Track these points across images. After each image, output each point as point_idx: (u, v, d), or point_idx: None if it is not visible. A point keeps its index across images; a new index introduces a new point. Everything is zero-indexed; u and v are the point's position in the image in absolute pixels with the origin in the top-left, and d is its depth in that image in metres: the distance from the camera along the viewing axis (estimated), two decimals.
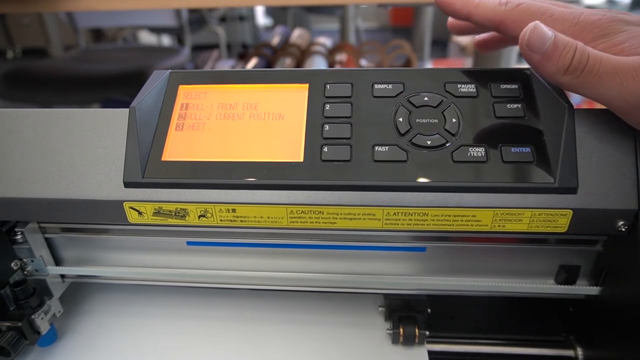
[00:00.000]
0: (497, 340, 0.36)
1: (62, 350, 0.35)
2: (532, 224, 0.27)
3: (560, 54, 0.23)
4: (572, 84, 0.24)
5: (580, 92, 0.24)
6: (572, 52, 0.23)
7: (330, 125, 0.28)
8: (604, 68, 0.23)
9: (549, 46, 0.23)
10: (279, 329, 0.36)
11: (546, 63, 0.24)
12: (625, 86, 0.22)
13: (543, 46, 0.23)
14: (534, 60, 0.24)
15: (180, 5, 1.42)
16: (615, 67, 0.22)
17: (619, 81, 0.22)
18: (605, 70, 0.22)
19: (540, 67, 0.24)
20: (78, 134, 0.30)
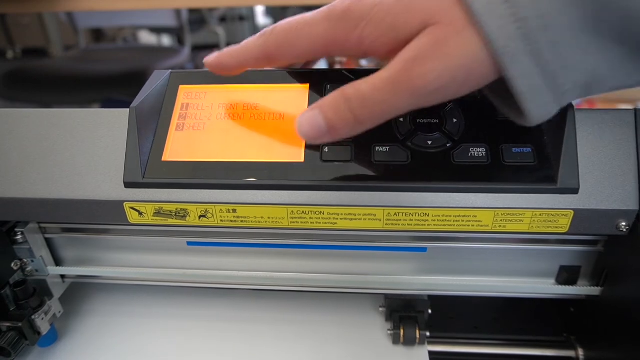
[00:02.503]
0: (498, 340, 0.36)
1: (62, 350, 0.35)
2: (533, 224, 0.27)
3: (340, 122, 0.22)
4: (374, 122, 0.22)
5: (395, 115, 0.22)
6: (347, 110, 0.22)
7: None
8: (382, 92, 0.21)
9: (325, 125, 0.22)
10: (280, 329, 0.36)
11: (338, 134, 0.22)
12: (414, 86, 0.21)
13: (322, 129, 0.22)
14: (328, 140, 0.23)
15: (180, 5, 1.42)
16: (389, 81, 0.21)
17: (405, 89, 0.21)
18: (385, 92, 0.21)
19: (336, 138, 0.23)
20: (78, 134, 0.30)
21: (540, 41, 0.19)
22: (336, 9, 0.22)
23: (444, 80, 0.20)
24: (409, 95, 0.21)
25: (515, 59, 0.19)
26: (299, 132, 0.23)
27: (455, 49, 0.20)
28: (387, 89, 0.21)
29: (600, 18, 0.19)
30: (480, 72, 0.20)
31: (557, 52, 0.19)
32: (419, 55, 0.20)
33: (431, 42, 0.20)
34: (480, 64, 0.20)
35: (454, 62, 0.20)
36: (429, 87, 0.20)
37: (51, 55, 1.87)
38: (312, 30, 0.22)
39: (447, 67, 0.20)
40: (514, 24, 0.19)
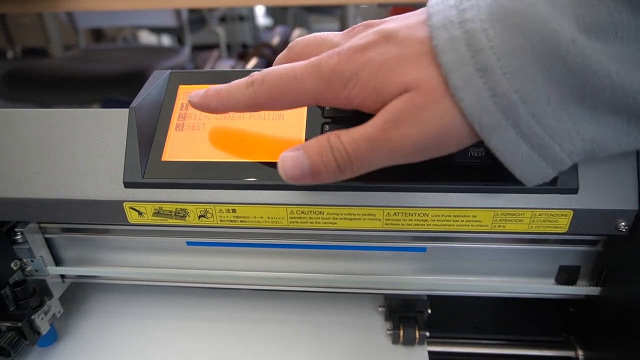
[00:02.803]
0: (497, 340, 0.36)
1: (62, 350, 0.35)
2: (532, 224, 0.27)
3: (323, 168, 0.22)
4: (355, 173, 0.22)
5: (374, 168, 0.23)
6: (331, 157, 0.22)
7: (330, 125, 0.28)
8: (362, 148, 0.21)
9: (308, 169, 0.22)
10: (279, 329, 0.36)
11: (320, 179, 0.23)
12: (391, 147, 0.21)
13: (305, 171, 0.22)
14: (309, 183, 0.23)
15: (180, 5, 1.42)
16: (368, 139, 0.21)
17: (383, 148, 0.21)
18: (364, 148, 0.21)
19: (317, 182, 0.23)
20: (78, 134, 0.30)
21: (521, 114, 0.19)
22: (325, 67, 0.22)
23: (420, 145, 0.21)
24: (387, 154, 0.22)
25: (495, 131, 0.20)
26: (280, 170, 0.23)
27: (431, 117, 0.20)
28: (367, 146, 0.21)
29: (586, 92, 0.19)
30: (458, 139, 0.21)
31: (542, 125, 0.20)
32: (396, 119, 0.21)
33: (409, 107, 0.20)
34: (457, 132, 0.21)
35: (429, 129, 0.20)
36: (406, 149, 0.21)
37: (51, 55, 1.87)
38: (301, 86, 0.23)
39: (422, 133, 0.21)
40: (491, 98, 0.19)
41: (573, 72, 0.19)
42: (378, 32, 0.22)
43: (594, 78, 0.19)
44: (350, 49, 0.22)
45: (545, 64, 0.19)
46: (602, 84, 0.19)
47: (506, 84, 0.19)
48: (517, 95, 0.19)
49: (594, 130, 0.20)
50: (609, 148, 0.21)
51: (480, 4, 0.20)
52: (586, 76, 0.19)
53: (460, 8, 0.20)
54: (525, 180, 0.22)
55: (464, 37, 0.19)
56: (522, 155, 0.21)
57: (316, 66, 0.22)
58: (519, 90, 0.19)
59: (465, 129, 0.20)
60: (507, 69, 0.19)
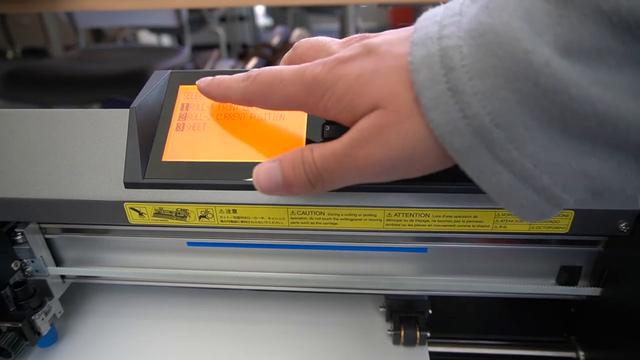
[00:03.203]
0: (498, 341, 0.36)
1: (62, 351, 0.35)
2: (533, 224, 0.27)
3: (295, 181, 0.23)
4: (326, 188, 0.23)
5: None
6: (302, 171, 0.22)
7: (330, 125, 0.28)
8: (331, 164, 0.22)
9: (281, 181, 0.23)
10: (280, 329, 0.36)
11: (293, 192, 0.23)
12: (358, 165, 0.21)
13: (278, 183, 0.23)
14: (283, 194, 0.24)
15: (180, 5, 1.42)
16: (337, 156, 0.21)
17: (350, 166, 0.21)
18: (334, 164, 0.22)
19: (290, 195, 0.24)
20: (78, 135, 0.30)
21: (495, 138, 0.18)
22: (308, 75, 0.22)
23: (384, 166, 0.21)
24: (355, 173, 0.22)
25: (467, 155, 0.19)
26: (254, 182, 0.23)
27: (395, 137, 0.20)
28: (335, 163, 0.22)
29: (567, 119, 0.17)
30: (425, 162, 0.20)
31: (522, 152, 0.18)
32: (362, 138, 0.21)
33: (374, 126, 0.20)
34: (424, 153, 0.20)
35: (393, 150, 0.20)
36: (371, 169, 0.21)
37: (51, 55, 1.87)
38: (285, 90, 0.23)
39: (386, 154, 0.20)
40: (462, 119, 0.18)
41: (547, 95, 0.17)
42: (362, 46, 0.22)
43: (573, 104, 0.17)
44: (334, 60, 0.22)
45: (517, 85, 0.17)
46: (585, 110, 0.17)
47: (477, 105, 0.18)
48: (489, 118, 0.18)
49: (593, 164, 0.19)
50: (618, 186, 0.19)
51: (463, 20, 0.19)
52: (564, 100, 0.17)
53: (442, 24, 0.19)
54: (519, 214, 0.20)
55: (439, 55, 0.19)
56: (506, 185, 0.19)
57: (301, 73, 0.23)
58: (491, 112, 0.18)
59: (434, 151, 0.20)
60: (478, 90, 0.18)
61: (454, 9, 0.20)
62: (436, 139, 0.19)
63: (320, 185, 0.22)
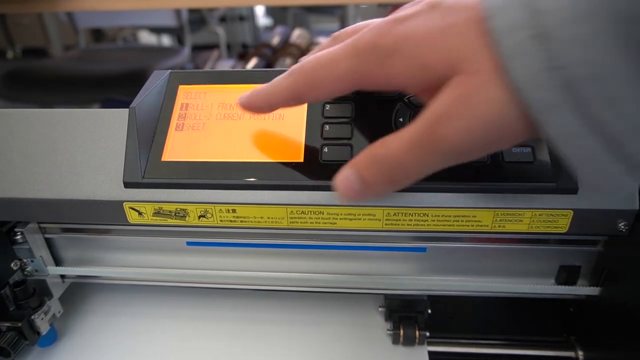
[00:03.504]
0: (497, 341, 0.36)
1: (62, 350, 0.35)
2: (532, 224, 0.27)
3: (374, 183, 0.20)
4: (409, 182, 0.20)
5: None
6: (378, 171, 0.20)
7: (330, 125, 0.28)
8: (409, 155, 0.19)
9: (360, 186, 0.21)
10: (279, 329, 0.36)
11: (376, 193, 0.21)
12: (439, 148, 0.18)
13: (358, 189, 0.21)
14: (370, 198, 0.21)
15: (180, 5, 1.42)
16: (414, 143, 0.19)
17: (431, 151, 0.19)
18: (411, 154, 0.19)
19: (374, 196, 0.21)
20: (78, 134, 0.30)
21: (586, 95, 0.15)
22: (361, 43, 0.20)
23: (471, 142, 0.18)
24: (436, 157, 0.19)
25: (549, 113, 0.16)
26: (336, 192, 0.22)
27: (482, 106, 0.17)
28: (414, 152, 0.19)
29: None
30: (514, 131, 0.17)
31: (617, 111, 0.15)
32: (442, 114, 0.18)
33: (455, 97, 0.18)
34: (514, 119, 0.17)
35: (481, 120, 0.17)
36: (455, 149, 0.18)
37: (51, 55, 1.87)
38: (338, 68, 0.20)
39: (474, 126, 0.17)
40: (548, 71, 0.15)
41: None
42: (424, 3, 0.19)
43: None
44: (389, 21, 0.19)
45: (625, 29, 0.14)
46: None
47: (569, 55, 0.15)
48: (583, 70, 0.15)
49: None
50: None
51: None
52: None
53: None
54: (592, 183, 0.18)
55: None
56: (588, 150, 0.16)
57: (353, 44, 0.20)
58: (587, 62, 0.15)
59: (522, 115, 0.17)
60: (574, 35, 0.15)
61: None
62: (520, 99, 0.16)
63: (404, 179, 0.20)
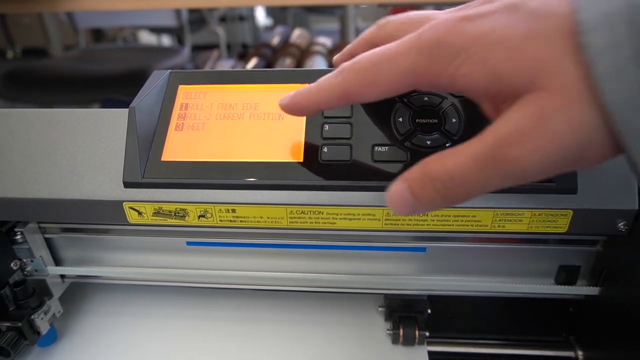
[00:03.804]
0: (497, 340, 0.36)
1: (62, 350, 0.35)
2: (532, 224, 0.27)
3: (427, 200, 0.19)
4: (463, 200, 0.19)
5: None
6: (433, 189, 0.19)
7: (330, 125, 0.28)
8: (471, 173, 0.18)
9: (413, 202, 0.20)
10: (279, 329, 0.36)
11: (428, 209, 0.20)
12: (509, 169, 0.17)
13: (412, 205, 0.20)
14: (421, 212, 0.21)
15: (180, 5, 1.42)
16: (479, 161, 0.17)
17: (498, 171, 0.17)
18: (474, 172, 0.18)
19: (428, 211, 0.21)
20: (78, 134, 0.30)
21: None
22: (426, 38, 0.18)
23: (546, 165, 0.16)
24: (502, 177, 0.17)
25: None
26: (389, 205, 0.21)
27: (563, 128, 0.16)
28: (477, 170, 0.17)
29: None
30: (596, 153, 0.16)
31: None
32: (517, 132, 0.16)
33: (534, 115, 0.16)
34: (597, 144, 0.16)
35: (562, 143, 0.16)
36: (527, 171, 0.17)
37: (51, 55, 1.87)
38: (395, 65, 0.19)
39: (551, 149, 0.16)
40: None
41: None
42: (500, 2, 0.18)
43: None
44: (460, 18, 0.18)
45: None
46: None
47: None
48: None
49: None
50: None
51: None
52: None
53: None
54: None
55: (626, 11, 0.14)
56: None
57: (415, 39, 0.19)
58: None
59: (609, 137, 0.15)
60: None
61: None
62: (612, 123, 0.15)
63: (457, 200, 0.19)
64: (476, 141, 0.18)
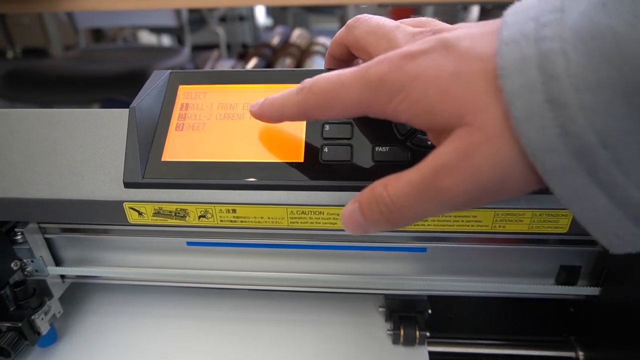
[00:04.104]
0: (497, 341, 0.36)
1: (62, 350, 0.35)
2: (532, 224, 0.27)
3: (375, 221, 0.21)
4: (406, 223, 0.20)
5: None
6: (378, 211, 0.20)
7: (330, 125, 0.28)
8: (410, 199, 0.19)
9: (363, 222, 0.21)
10: (279, 329, 0.36)
11: (378, 229, 0.21)
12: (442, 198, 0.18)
13: (361, 224, 0.21)
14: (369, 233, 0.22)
15: (180, 5, 1.42)
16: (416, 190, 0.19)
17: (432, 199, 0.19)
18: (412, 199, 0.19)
19: (378, 232, 0.22)
20: (78, 134, 0.30)
21: (598, 160, 0.15)
22: (372, 75, 0.20)
23: (473, 194, 0.18)
24: (437, 205, 0.19)
25: (562, 176, 0.16)
26: (343, 225, 0.22)
27: (485, 162, 0.17)
28: (415, 196, 0.19)
29: None
30: (517, 186, 0.18)
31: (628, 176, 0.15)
32: (446, 165, 0.18)
33: (460, 150, 0.18)
34: (516, 176, 0.17)
35: (483, 176, 0.17)
36: (459, 199, 0.18)
37: (51, 55, 1.87)
38: (347, 95, 0.21)
39: (475, 182, 0.18)
40: (561, 136, 0.15)
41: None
42: (437, 40, 0.19)
43: None
44: (401, 56, 0.19)
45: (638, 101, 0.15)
46: None
47: (582, 122, 0.15)
48: (596, 138, 0.15)
49: None
50: None
51: (567, 18, 0.16)
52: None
53: (540, 22, 0.16)
54: (608, 244, 0.18)
55: (537, 59, 0.16)
56: (599, 211, 0.16)
57: (363, 73, 0.20)
58: (599, 131, 0.15)
59: (528, 172, 0.17)
60: (587, 104, 0.15)
61: (552, 3, 0.17)
62: (527, 156, 0.16)
63: (400, 223, 0.20)
64: (416, 169, 0.19)
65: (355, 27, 0.25)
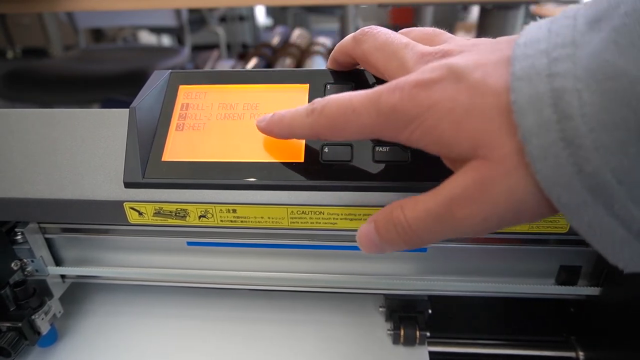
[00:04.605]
0: (497, 341, 0.36)
1: (62, 350, 0.35)
2: (532, 224, 0.27)
3: (391, 241, 0.21)
4: (423, 245, 0.21)
5: None
6: (395, 233, 0.21)
7: None
8: (426, 224, 0.20)
9: (379, 242, 0.22)
10: (279, 329, 0.36)
11: (393, 249, 0.22)
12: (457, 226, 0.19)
13: (378, 245, 0.22)
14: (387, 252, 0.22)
15: (180, 5, 1.42)
16: (433, 216, 0.19)
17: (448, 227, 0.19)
18: (429, 225, 0.20)
19: (393, 251, 0.22)
20: (78, 134, 0.30)
21: (615, 195, 0.16)
22: (384, 104, 0.20)
23: (489, 224, 0.19)
24: (453, 231, 0.20)
25: (578, 211, 0.16)
26: (358, 244, 0.23)
27: (502, 193, 0.18)
28: (431, 222, 0.20)
29: None
30: (532, 214, 0.18)
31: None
32: (462, 196, 0.18)
33: (476, 181, 0.18)
34: (532, 207, 0.18)
35: (499, 207, 0.18)
36: (474, 228, 0.19)
37: (51, 55, 1.87)
38: (359, 121, 0.21)
39: (492, 212, 0.18)
40: (576, 174, 0.16)
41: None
42: (447, 68, 0.19)
43: None
44: (413, 85, 0.19)
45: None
46: None
47: (597, 161, 0.15)
48: (611, 175, 0.15)
49: None
50: None
51: (579, 54, 0.16)
52: None
53: (551, 56, 0.16)
54: (624, 266, 0.18)
55: (550, 96, 0.16)
56: (617, 240, 0.17)
57: (375, 101, 0.20)
58: (614, 169, 0.15)
59: (543, 203, 0.17)
60: (601, 144, 0.15)
61: (564, 35, 0.17)
62: (543, 191, 0.17)
63: (418, 243, 0.21)
64: (432, 196, 0.20)
65: (363, 41, 0.25)
